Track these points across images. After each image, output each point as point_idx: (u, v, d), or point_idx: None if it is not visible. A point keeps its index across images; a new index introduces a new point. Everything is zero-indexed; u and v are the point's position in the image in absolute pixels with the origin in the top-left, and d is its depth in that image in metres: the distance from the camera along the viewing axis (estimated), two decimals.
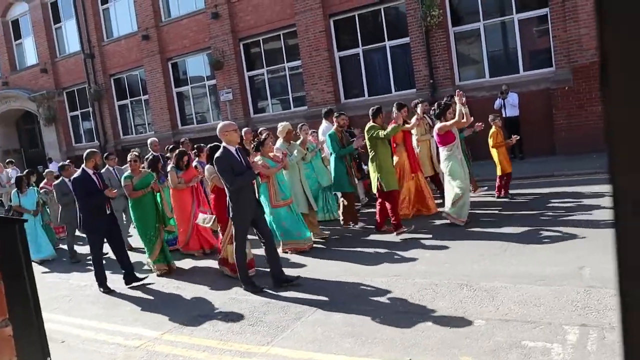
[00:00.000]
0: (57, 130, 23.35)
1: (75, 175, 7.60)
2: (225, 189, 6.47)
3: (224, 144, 6.44)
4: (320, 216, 9.32)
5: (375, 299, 5.61)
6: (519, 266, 5.91)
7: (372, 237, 8.31)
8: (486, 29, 13.37)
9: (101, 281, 7.59)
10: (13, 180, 14.16)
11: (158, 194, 8.26)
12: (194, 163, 9.28)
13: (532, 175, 10.86)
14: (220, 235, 7.40)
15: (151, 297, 6.95)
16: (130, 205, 8.26)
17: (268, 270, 6.68)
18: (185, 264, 8.48)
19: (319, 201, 9.41)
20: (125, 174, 8.13)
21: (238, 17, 17.04)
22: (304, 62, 15.81)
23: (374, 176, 8.07)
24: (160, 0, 19.09)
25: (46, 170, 13.31)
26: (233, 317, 5.75)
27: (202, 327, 5.59)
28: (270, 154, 7.87)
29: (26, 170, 12.43)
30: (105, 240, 7.72)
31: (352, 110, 13.89)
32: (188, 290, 7.05)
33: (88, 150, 7.71)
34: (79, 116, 23.23)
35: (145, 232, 8.04)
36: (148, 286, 7.51)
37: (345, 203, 9.07)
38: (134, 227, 9.02)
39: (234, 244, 6.52)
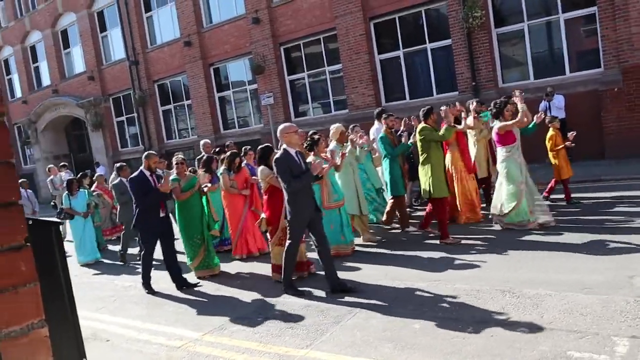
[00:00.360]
0: (104, 135, 24.02)
1: (133, 175, 7.71)
2: (284, 191, 6.39)
3: (284, 145, 6.36)
4: (370, 218, 9.17)
5: (415, 303, 5.52)
6: (565, 273, 5.72)
7: (415, 240, 8.19)
8: (530, 30, 13.06)
9: (147, 282, 7.69)
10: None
11: (204, 197, 8.21)
12: (220, 170, 9.19)
13: (580, 180, 10.53)
14: (270, 237, 7.28)
15: (193, 298, 7.02)
16: (176, 208, 8.19)
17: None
18: (231, 266, 8.43)
19: (371, 204, 9.20)
20: (172, 176, 8.03)
21: (278, 22, 17.17)
22: (345, 66, 15.79)
23: (424, 180, 7.79)
24: (201, 7, 19.42)
25: (96, 174, 13.57)
26: (272, 319, 5.75)
27: (242, 329, 5.61)
28: (322, 155, 7.73)
29: (80, 174, 12.69)
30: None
31: (393, 114, 13.78)
32: (229, 293, 7.10)
33: (146, 153, 7.83)
34: (125, 121, 23.83)
35: (191, 236, 7.96)
36: (190, 288, 7.61)
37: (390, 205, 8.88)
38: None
39: (287, 245, 6.42)
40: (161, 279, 7.92)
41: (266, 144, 7.41)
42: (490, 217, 8.24)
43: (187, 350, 5.29)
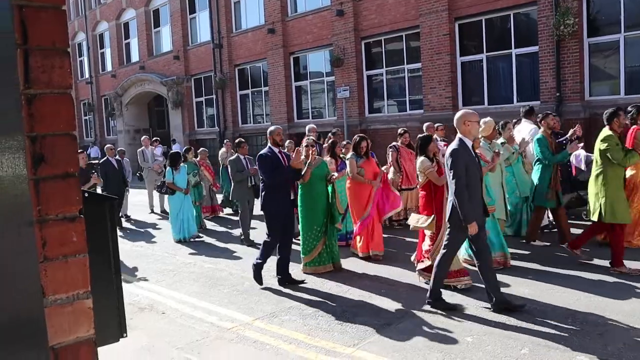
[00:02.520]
0: (182, 114, 24.82)
1: (262, 151, 7.06)
2: (449, 188, 5.52)
3: (459, 135, 5.46)
4: (507, 231, 8.32)
5: (470, 316, 5.36)
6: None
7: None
8: (627, 42, 12.32)
9: (259, 273, 6.94)
10: (159, 158, 14.73)
11: (331, 186, 7.38)
12: (348, 155, 8.43)
13: None
14: (428, 240, 6.39)
15: (249, 283, 7.13)
16: (300, 194, 7.42)
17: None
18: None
19: (513, 215, 8.36)
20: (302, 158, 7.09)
21: (362, 16, 17.07)
22: (424, 65, 15.50)
23: (595, 199, 6.48)
24: None
25: (200, 149, 13.24)
26: (324, 313, 5.76)
27: (292, 320, 5.65)
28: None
29: (185, 147, 12.32)
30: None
31: None
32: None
33: (270, 127, 7.19)
34: (204, 102, 24.51)
35: (311, 226, 7.25)
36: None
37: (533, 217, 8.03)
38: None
39: (445, 250, 5.57)
40: (219, 261, 8.08)
41: (426, 134, 6.51)
42: None
43: (236, 333, 5.39)
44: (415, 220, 6.47)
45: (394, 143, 10.16)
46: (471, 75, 15.08)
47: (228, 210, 13.34)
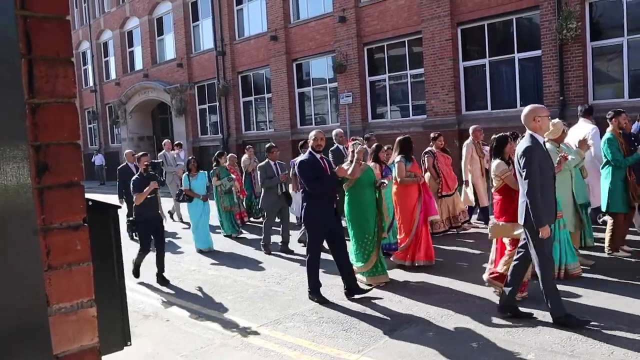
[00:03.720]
0: (186, 121, 24.88)
1: (302, 157, 6.67)
2: (520, 188, 5.14)
3: (529, 132, 5.11)
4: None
5: (474, 323, 5.34)
6: None
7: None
8: (630, 45, 12.31)
9: (316, 288, 6.45)
10: (181, 163, 14.10)
11: (377, 192, 6.95)
12: (397, 158, 7.85)
13: None
14: (508, 247, 5.85)
15: (253, 290, 7.12)
16: (347, 202, 6.93)
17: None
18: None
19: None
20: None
21: (364, 22, 17.12)
22: (427, 71, 15.51)
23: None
24: (290, 3, 19.68)
25: (229, 154, 12.84)
26: (328, 320, 5.75)
27: (297, 326, 5.64)
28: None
29: (217, 152, 11.66)
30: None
31: (472, 123, 13.41)
32: (287, 287, 7.16)
33: (311, 132, 6.70)
34: (207, 109, 24.56)
35: (362, 235, 6.77)
36: (249, 281, 7.71)
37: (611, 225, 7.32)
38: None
39: (538, 261, 5.03)
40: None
41: (501, 134, 6.13)
42: None
43: (240, 340, 5.38)
44: (506, 230, 5.75)
45: (429, 148, 9.82)
46: (474, 80, 15.08)
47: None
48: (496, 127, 10.56)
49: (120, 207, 1.52)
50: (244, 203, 12.66)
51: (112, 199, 11.12)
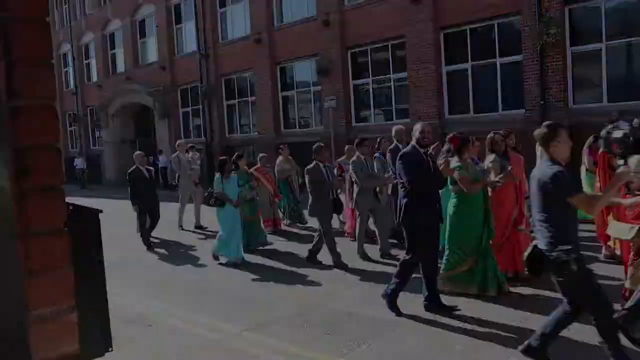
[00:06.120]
0: (169, 124, 24.71)
1: (405, 150, 5.92)
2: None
3: None
4: None
5: (460, 325, 5.37)
6: None
7: None
8: (608, 51, 12.50)
9: (393, 301, 5.81)
10: (195, 166, 12.94)
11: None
12: (491, 157, 6.85)
13: None
14: (629, 253, 5.22)
15: (242, 293, 7.08)
16: (453, 205, 6.20)
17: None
18: None
19: None
20: (455, 163, 6.07)
21: (348, 26, 17.16)
22: (410, 75, 15.60)
23: None
24: (274, 6, 19.67)
25: (260, 154, 11.90)
26: (314, 323, 5.74)
27: (281, 329, 5.62)
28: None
29: (236, 154, 10.46)
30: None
31: (455, 127, 13.51)
32: (273, 290, 7.15)
33: (416, 125, 5.98)
34: (190, 112, 24.44)
35: (461, 243, 6.09)
36: (233, 285, 7.66)
37: None
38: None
39: None
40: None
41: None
42: None
43: (225, 344, 5.35)
44: (615, 230, 5.23)
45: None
46: (457, 85, 15.20)
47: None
48: (478, 131, 10.61)
49: (101, 211, 1.51)
50: (280, 208, 11.75)
51: (112, 203, 10.93)
